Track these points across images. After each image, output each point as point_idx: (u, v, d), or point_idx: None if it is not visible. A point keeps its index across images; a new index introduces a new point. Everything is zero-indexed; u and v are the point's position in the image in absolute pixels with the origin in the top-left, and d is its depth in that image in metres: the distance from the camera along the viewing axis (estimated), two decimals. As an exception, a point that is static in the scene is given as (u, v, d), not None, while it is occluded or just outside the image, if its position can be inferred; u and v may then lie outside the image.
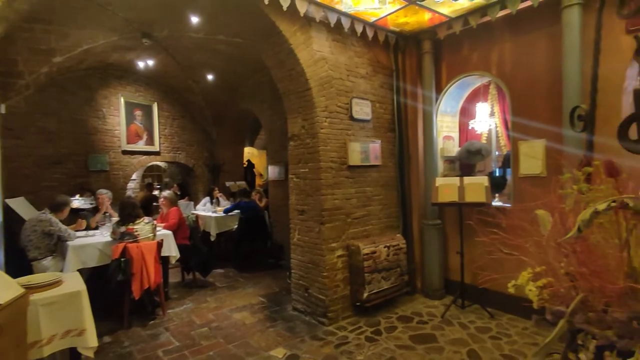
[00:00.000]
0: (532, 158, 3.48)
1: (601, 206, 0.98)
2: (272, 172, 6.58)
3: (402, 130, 4.58)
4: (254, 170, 10.72)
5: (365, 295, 3.90)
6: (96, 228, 4.66)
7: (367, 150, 4.26)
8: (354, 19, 3.91)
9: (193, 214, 6.88)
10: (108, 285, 3.76)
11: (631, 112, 1.16)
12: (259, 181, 10.83)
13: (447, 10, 3.77)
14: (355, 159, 4.13)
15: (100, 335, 2.89)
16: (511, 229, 1.34)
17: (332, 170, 3.93)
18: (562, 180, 1.23)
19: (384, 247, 4.13)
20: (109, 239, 4.09)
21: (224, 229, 6.27)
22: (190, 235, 5.28)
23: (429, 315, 3.95)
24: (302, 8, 3.44)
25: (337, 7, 3.68)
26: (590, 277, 1.12)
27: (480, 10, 3.68)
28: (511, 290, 1.35)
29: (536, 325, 1.30)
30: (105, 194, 4.96)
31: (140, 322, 3.96)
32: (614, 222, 1.09)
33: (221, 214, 6.35)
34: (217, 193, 7.22)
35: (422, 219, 4.52)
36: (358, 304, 3.97)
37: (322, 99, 3.87)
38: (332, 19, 3.73)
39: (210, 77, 6.73)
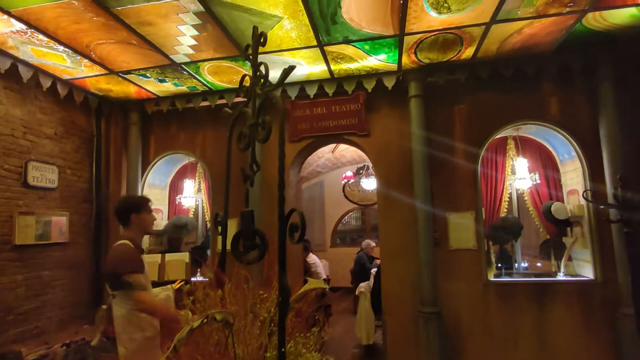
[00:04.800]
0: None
1: (196, 324, 1.09)
2: None
3: (100, 201, 4.08)
4: None
5: (22, 421, 2.93)
6: None
7: (48, 225, 3.50)
8: (39, 70, 3.32)
9: None
10: None
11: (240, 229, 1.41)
12: None
13: (153, 88, 3.82)
14: (27, 236, 3.29)
15: None
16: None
17: (-17, 253, 2.95)
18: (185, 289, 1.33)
19: (62, 346, 3.34)
20: None
21: None
22: None
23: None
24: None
25: (13, 52, 3.03)
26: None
27: (186, 97, 3.95)
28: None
29: None
30: None
31: None
32: (220, 330, 1.24)
33: None
34: None
35: (120, 302, 4.01)
36: None
37: (-25, 159, 2.95)
38: (4, 63, 3.02)
39: None
